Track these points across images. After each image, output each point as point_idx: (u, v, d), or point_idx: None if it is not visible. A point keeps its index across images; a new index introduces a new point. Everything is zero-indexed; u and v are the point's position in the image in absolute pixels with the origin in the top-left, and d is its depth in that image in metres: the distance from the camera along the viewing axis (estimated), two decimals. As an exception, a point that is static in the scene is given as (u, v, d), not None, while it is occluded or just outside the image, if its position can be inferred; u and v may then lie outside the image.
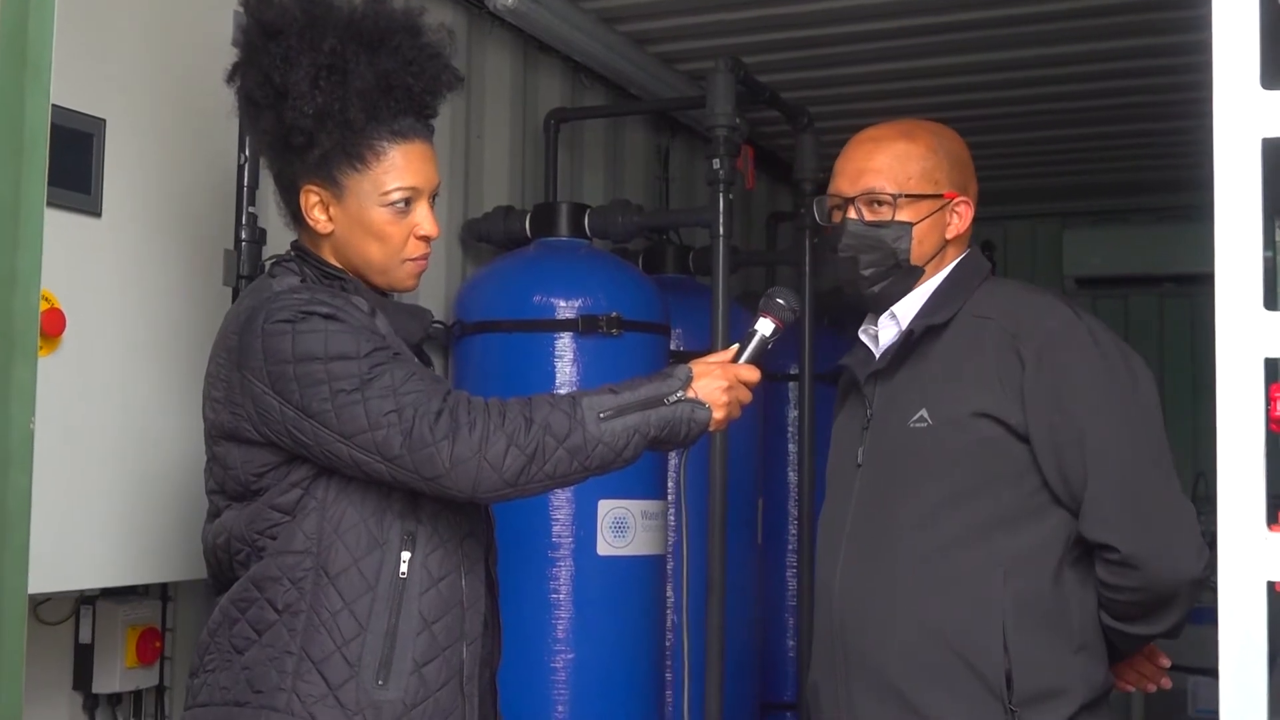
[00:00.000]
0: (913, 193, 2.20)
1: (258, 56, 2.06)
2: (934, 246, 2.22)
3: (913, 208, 2.20)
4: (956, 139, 2.29)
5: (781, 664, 4.95)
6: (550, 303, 3.57)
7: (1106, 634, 2.09)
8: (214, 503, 2.09)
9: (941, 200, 2.21)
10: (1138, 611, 2.04)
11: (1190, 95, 4.45)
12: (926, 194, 2.20)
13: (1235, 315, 1.26)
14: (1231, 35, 1.28)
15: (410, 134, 2.10)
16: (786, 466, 4.96)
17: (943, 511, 2.08)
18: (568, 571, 3.47)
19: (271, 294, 2.03)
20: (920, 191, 2.20)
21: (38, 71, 1.13)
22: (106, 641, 2.70)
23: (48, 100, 1.16)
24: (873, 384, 2.24)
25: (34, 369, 1.19)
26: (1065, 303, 2.16)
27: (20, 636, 1.23)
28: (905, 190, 2.20)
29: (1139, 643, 2.13)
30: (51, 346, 2.29)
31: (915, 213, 2.20)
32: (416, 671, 1.99)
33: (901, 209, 2.20)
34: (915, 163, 2.21)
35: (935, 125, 2.31)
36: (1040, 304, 2.16)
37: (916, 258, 2.21)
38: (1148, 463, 2.04)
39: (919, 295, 2.22)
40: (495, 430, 1.92)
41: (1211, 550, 1.42)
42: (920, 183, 2.21)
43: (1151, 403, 2.09)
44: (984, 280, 2.23)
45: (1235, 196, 1.27)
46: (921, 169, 2.21)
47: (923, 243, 2.21)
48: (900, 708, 2.06)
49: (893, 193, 2.20)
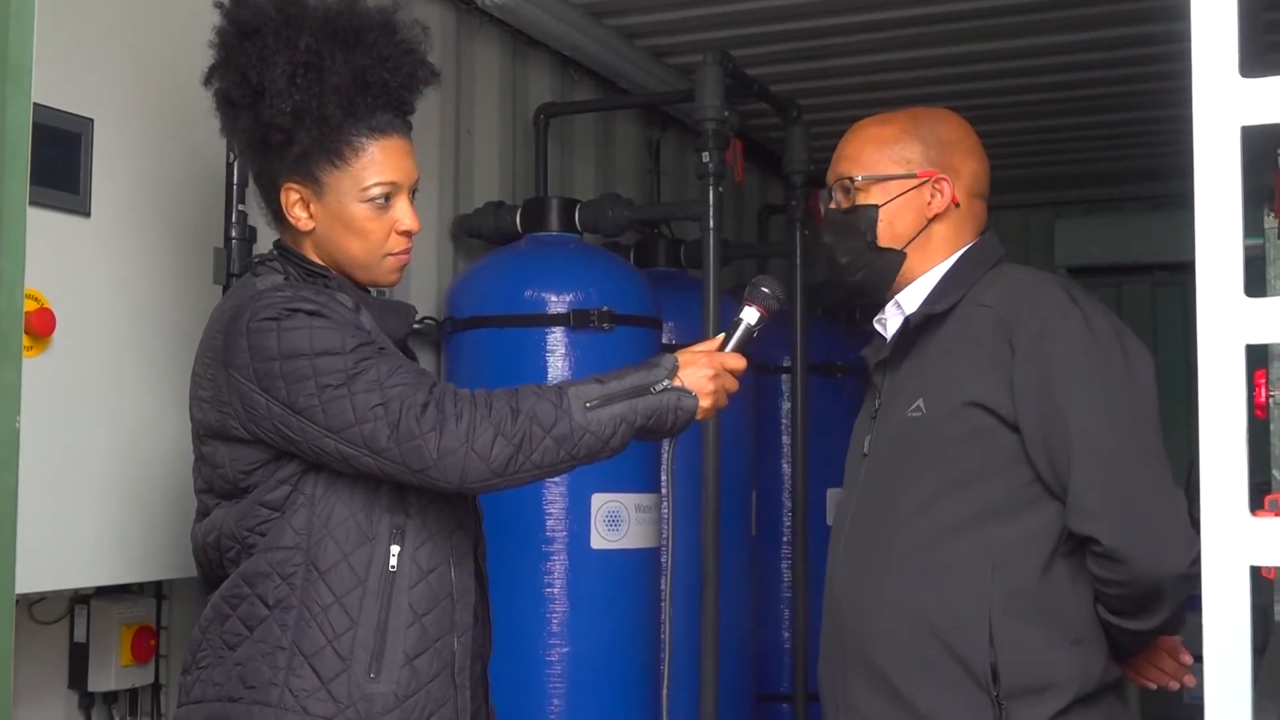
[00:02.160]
0: (877, 174, 2.19)
1: (234, 56, 2.07)
2: (910, 228, 2.19)
3: (880, 189, 2.19)
4: (948, 121, 2.25)
5: (777, 656, 4.96)
6: (542, 297, 3.57)
7: (1106, 629, 2.05)
8: (203, 501, 2.10)
9: (914, 180, 2.19)
10: (1127, 605, 2.00)
11: (1180, 83, 4.45)
12: (894, 174, 2.19)
13: (1216, 302, 1.26)
14: (1210, 23, 1.28)
15: (388, 129, 2.11)
16: (780, 458, 4.97)
17: (936, 501, 2.07)
18: (561, 565, 3.47)
19: (255, 292, 2.04)
20: (886, 173, 2.19)
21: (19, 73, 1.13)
22: (101, 640, 2.71)
23: (29, 101, 1.17)
24: (882, 373, 2.23)
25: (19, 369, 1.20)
26: (1064, 289, 2.11)
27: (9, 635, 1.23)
28: (870, 172, 2.19)
29: (1138, 638, 2.09)
30: (41, 346, 2.30)
31: (883, 194, 2.19)
32: (408, 664, 2.00)
33: (868, 192, 2.20)
34: (884, 146, 2.20)
35: (926, 110, 2.29)
36: (1036, 290, 2.10)
37: (887, 239, 2.20)
38: (1135, 455, 2.00)
39: (926, 282, 2.20)
40: (482, 421, 1.93)
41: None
42: (887, 164, 2.19)
43: (1146, 394, 2.04)
44: (992, 267, 2.19)
45: (1215, 184, 1.27)
46: (891, 150, 2.20)
47: (893, 224, 2.19)
48: (889, 696, 2.06)
49: (857, 176, 2.20)
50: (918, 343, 2.17)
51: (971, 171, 2.23)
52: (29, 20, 1.13)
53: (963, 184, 2.21)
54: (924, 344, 2.16)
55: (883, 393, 2.21)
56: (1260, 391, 2.06)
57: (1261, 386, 2.06)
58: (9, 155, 1.13)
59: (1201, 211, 1.27)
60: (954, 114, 2.29)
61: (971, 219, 2.24)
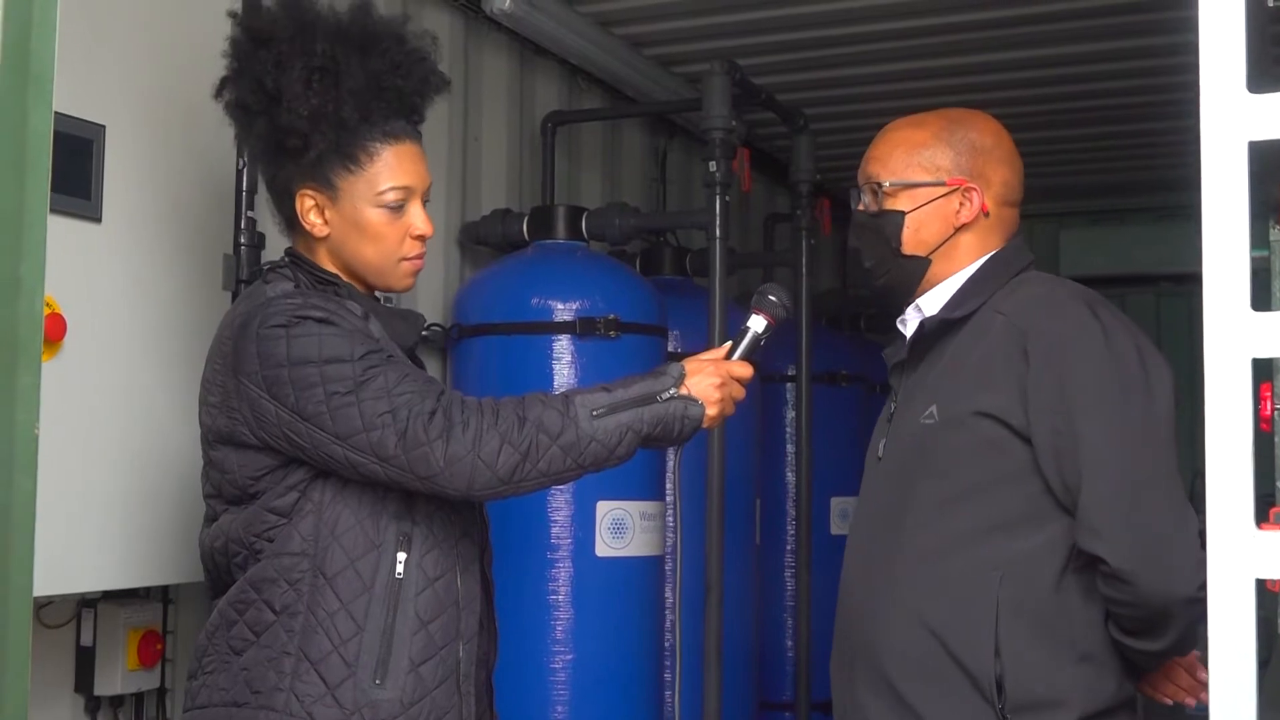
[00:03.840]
0: (906, 180, 2.16)
1: (249, 64, 2.08)
2: (937, 235, 2.16)
3: (908, 195, 2.16)
4: (981, 127, 2.20)
5: (780, 664, 4.96)
6: (548, 305, 3.58)
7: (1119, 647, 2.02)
8: (211, 507, 2.11)
9: (943, 188, 2.15)
10: (1136, 625, 1.97)
11: (1185, 95, 4.45)
12: (923, 181, 2.16)
13: (1223, 316, 1.27)
14: (1218, 39, 1.29)
15: (401, 135, 2.12)
16: (784, 467, 4.98)
17: (944, 510, 2.05)
18: (566, 573, 3.48)
19: (265, 300, 2.05)
20: (915, 179, 2.16)
21: (40, 83, 1.14)
22: (108, 644, 2.71)
23: (50, 111, 1.18)
24: (899, 376, 2.22)
25: (38, 375, 1.21)
26: (1086, 302, 2.06)
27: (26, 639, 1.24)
28: (899, 178, 2.16)
29: (1150, 658, 2.05)
30: (52, 351, 2.31)
31: (911, 200, 2.16)
32: (413, 670, 2.01)
33: (895, 197, 2.17)
34: (914, 150, 2.17)
35: (961, 114, 2.24)
36: (1055, 302, 2.07)
37: (913, 246, 2.16)
38: (1147, 475, 1.95)
39: (949, 286, 2.17)
40: (489, 429, 1.93)
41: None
42: (916, 170, 2.16)
43: (1163, 412, 2.00)
44: (1016, 275, 2.15)
45: (1222, 198, 1.28)
46: (921, 156, 2.16)
47: (920, 231, 2.16)
48: (895, 703, 2.05)
49: (885, 181, 2.17)
50: (935, 347, 2.15)
51: (1003, 180, 2.19)
52: (51, 30, 1.14)
53: (993, 193, 2.17)
54: (941, 349, 2.13)
55: (899, 396, 2.20)
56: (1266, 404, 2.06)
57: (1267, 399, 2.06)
58: (30, 163, 1.14)
59: (1208, 226, 1.28)
60: (990, 118, 2.23)
61: (1000, 228, 2.20)
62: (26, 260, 1.15)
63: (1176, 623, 1.95)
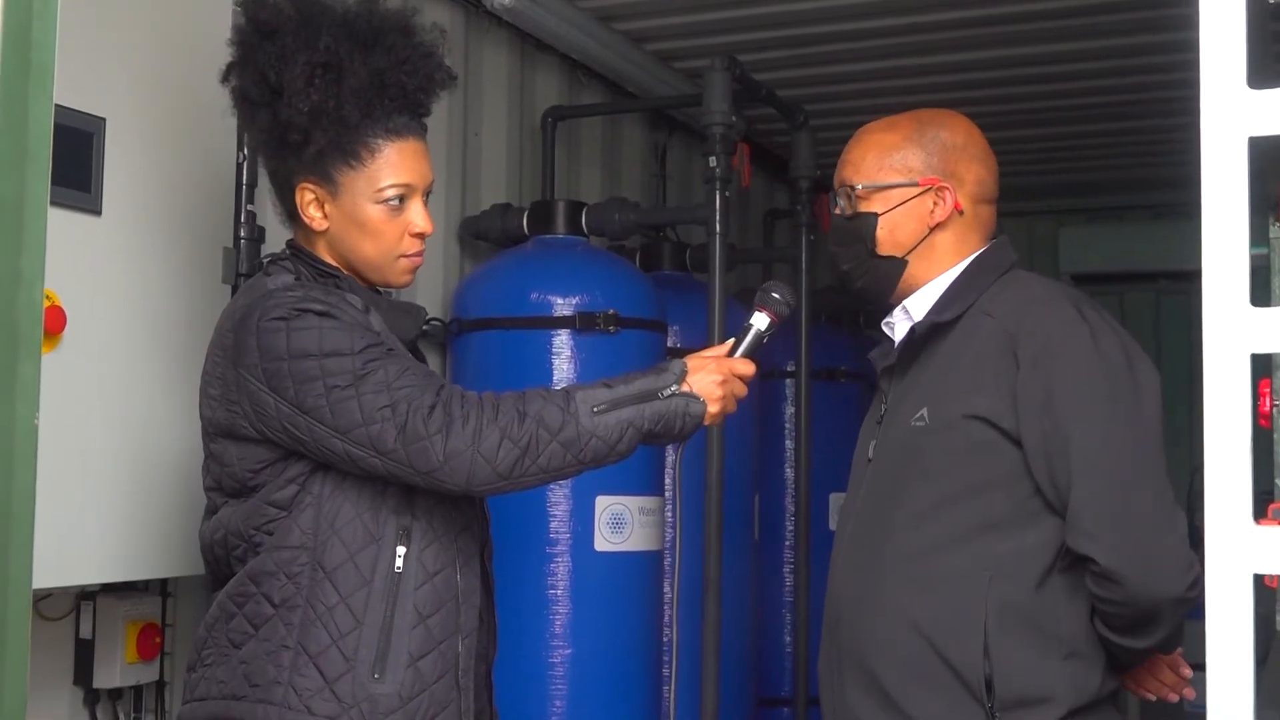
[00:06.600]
0: (879, 183, 2.18)
1: (253, 55, 2.08)
2: (913, 236, 2.17)
3: (881, 197, 2.18)
4: (952, 126, 2.22)
5: (778, 660, 4.97)
6: (548, 300, 3.58)
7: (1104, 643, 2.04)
8: (211, 499, 2.11)
9: (916, 188, 2.17)
10: (1124, 624, 1.99)
11: (1185, 92, 4.45)
12: (896, 183, 2.17)
13: (1222, 312, 1.27)
14: (1218, 35, 1.29)
15: (404, 131, 2.12)
16: (784, 464, 4.98)
17: (934, 512, 2.06)
18: (565, 567, 3.48)
19: (266, 292, 2.05)
20: (888, 181, 2.17)
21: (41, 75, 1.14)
22: (107, 637, 2.72)
23: (51, 103, 1.18)
24: (888, 379, 2.22)
25: (38, 367, 1.21)
26: (1073, 303, 2.07)
27: (25, 631, 1.25)
28: (871, 181, 2.18)
29: (1135, 655, 2.07)
30: (52, 344, 2.31)
31: (885, 202, 2.17)
32: (412, 665, 2.01)
33: (869, 200, 2.18)
34: (886, 152, 2.18)
35: (932, 114, 2.26)
36: (1043, 303, 2.08)
37: (888, 248, 2.18)
38: (1136, 475, 1.97)
39: (934, 289, 2.18)
40: (489, 424, 1.93)
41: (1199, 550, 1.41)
42: (889, 172, 2.18)
43: (1151, 413, 2.01)
44: (1002, 275, 2.17)
45: (1222, 195, 1.28)
46: (892, 158, 2.18)
47: (894, 232, 2.17)
48: (885, 703, 2.06)
49: (859, 184, 2.19)
50: (925, 350, 2.16)
51: (976, 178, 2.20)
52: (52, 22, 1.14)
53: (967, 191, 2.18)
54: (930, 351, 2.15)
55: (889, 398, 2.21)
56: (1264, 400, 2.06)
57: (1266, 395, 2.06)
58: (31, 155, 1.14)
59: (1208, 222, 1.28)
60: (960, 117, 2.25)
61: (978, 225, 2.21)
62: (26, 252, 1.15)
63: (1165, 621, 1.97)
